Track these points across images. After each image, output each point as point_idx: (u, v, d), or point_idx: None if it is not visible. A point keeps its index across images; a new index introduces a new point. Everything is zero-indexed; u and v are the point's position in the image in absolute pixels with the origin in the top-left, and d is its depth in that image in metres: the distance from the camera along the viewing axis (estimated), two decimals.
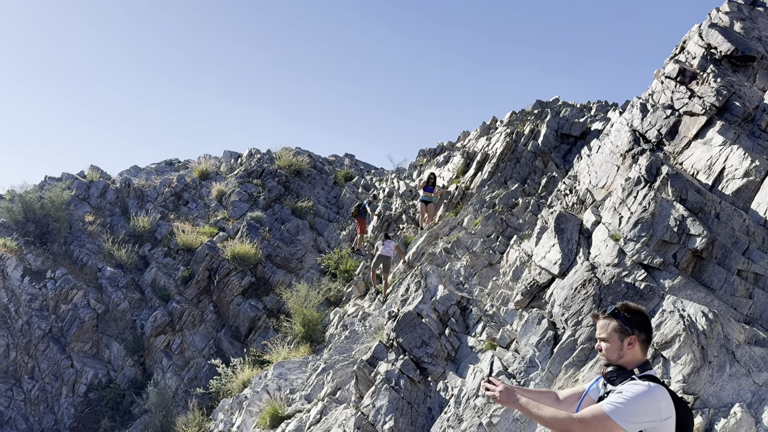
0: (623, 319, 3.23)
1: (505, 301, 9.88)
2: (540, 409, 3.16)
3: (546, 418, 3.10)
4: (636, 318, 3.25)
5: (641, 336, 3.24)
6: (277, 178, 24.53)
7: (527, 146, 18.28)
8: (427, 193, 17.11)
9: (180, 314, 18.09)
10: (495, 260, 12.45)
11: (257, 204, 22.97)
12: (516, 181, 17.16)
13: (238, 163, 28.62)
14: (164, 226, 21.81)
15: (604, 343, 3.28)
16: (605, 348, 3.28)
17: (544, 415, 3.11)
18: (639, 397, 3.03)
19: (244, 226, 20.60)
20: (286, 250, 20.08)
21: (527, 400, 3.23)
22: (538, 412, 3.15)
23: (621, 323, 3.23)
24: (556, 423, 3.08)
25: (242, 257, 18.77)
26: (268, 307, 17.92)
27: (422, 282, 11.38)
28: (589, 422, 3.03)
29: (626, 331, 3.22)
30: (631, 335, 3.22)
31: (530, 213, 14.51)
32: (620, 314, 3.25)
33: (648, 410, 3.01)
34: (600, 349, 3.31)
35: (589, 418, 3.05)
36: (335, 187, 25.95)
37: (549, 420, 3.09)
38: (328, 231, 21.69)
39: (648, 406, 3.02)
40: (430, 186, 17.29)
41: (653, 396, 3.04)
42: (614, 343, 3.24)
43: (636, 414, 3.00)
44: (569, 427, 3.04)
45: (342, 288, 17.03)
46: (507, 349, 8.30)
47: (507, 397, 3.25)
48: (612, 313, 3.27)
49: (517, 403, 3.22)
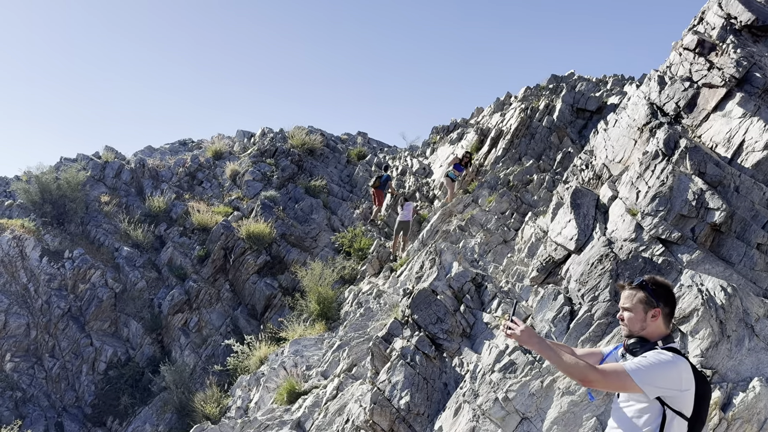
0: (650, 291, 3.25)
1: (520, 278, 9.82)
2: (559, 353, 3.17)
3: (565, 362, 3.12)
4: (662, 291, 3.27)
5: (665, 309, 3.26)
6: (290, 157, 24.52)
7: (542, 122, 18.16)
8: (456, 171, 16.77)
9: (197, 293, 18.26)
10: (510, 237, 12.43)
11: (271, 183, 23.04)
12: (531, 158, 17.09)
13: (251, 143, 28.61)
14: (179, 206, 21.91)
15: (627, 313, 3.30)
16: (628, 318, 3.29)
17: (563, 359, 3.13)
18: (663, 365, 3.06)
19: (258, 205, 20.66)
20: (301, 229, 20.14)
21: (547, 343, 3.26)
22: (557, 355, 3.16)
23: (648, 295, 3.25)
24: (574, 369, 3.09)
25: (257, 236, 18.85)
26: (283, 286, 18.01)
27: (437, 259, 11.39)
28: (608, 375, 3.06)
29: (651, 303, 3.25)
30: (656, 307, 3.25)
31: (545, 189, 14.43)
32: (648, 286, 3.27)
33: (669, 378, 3.04)
34: (622, 318, 3.32)
35: (609, 371, 3.08)
36: (348, 165, 25.96)
37: (568, 365, 3.10)
38: (341, 209, 21.70)
39: (670, 375, 3.04)
40: (462, 165, 16.91)
41: (676, 366, 3.07)
42: (638, 314, 3.26)
43: (656, 379, 3.03)
44: (588, 376, 3.06)
45: (356, 266, 17.09)
46: None
47: (528, 337, 3.26)
48: (639, 284, 3.28)
49: (538, 344, 3.22)
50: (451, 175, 16.69)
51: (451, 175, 16.69)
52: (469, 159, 17.06)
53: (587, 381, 3.07)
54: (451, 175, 16.70)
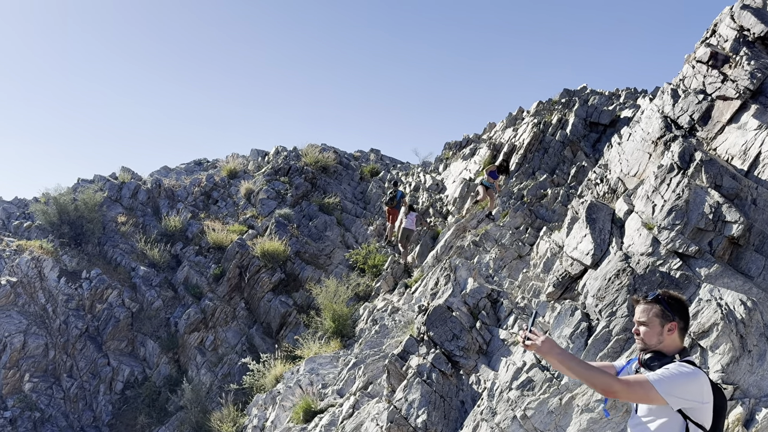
0: (666, 305, 3.26)
1: (536, 293, 9.83)
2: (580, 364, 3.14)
3: (586, 373, 3.09)
4: (677, 304, 3.28)
5: (681, 323, 3.27)
6: (304, 175, 24.64)
7: (555, 136, 18.25)
8: (490, 178, 16.26)
9: (212, 311, 18.32)
10: (524, 252, 12.43)
11: (285, 201, 23.13)
12: (544, 172, 17.20)
13: (265, 161, 28.77)
14: (195, 225, 22.08)
15: (643, 327, 3.29)
16: (644, 332, 3.28)
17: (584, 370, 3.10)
18: (685, 376, 3.05)
19: (272, 223, 20.77)
20: (315, 247, 20.22)
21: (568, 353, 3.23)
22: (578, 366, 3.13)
23: (663, 308, 3.25)
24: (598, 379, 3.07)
25: (272, 254, 18.93)
26: (298, 303, 18.06)
27: (451, 275, 11.42)
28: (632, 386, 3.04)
29: (667, 317, 3.25)
30: (671, 321, 3.25)
31: (560, 203, 14.51)
32: (663, 300, 3.27)
33: (691, 390, 3.03)
34: (638, 333, 3.31)
35: (632, 382, 3.06)
36: (361, 182, 26.02)
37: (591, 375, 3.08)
38: (355, 226, 21.76)
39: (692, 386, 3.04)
40: (498, 173, 16.53)
41: (698, 378, 3.07)
42: (654, 328, 3.26)
43: (680, 390, 3.02)
44: (612, 386, 3.04)
45: (371, 283, 17.08)
46: None
47: (548, 348, 3.23)
48: (655, 298, 3.29)
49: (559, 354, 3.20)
50: (485, 182, 16.26)
51: (485, 183, 16.25)
52: (506, 167, 16.76)
53: (611, 392, 3.04)
54: (485, 182, 16.26)
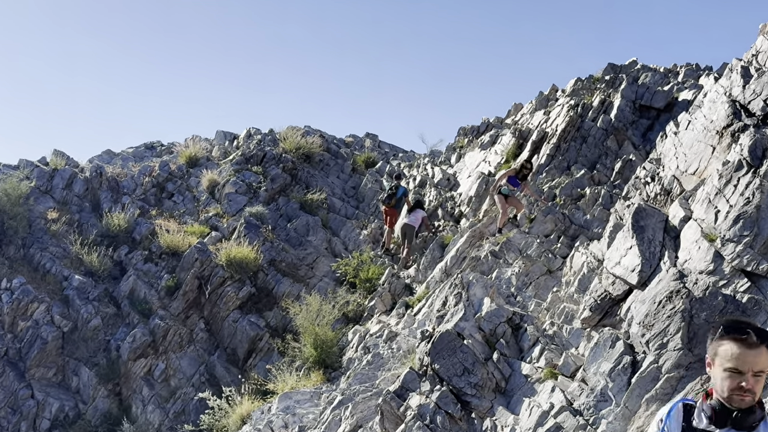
0: None
1: (568, 318, 9.96)
2: None
3: None
4: None
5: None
6: (282, 165, 24.53)
7: (596, 122, 18.36)
8: (510, 186, 15.75)
9: (164, 333, 18.22)
10: (555, 266, 12.65)
11: (257, 197, 23.03)
12: (582, 166, 17.32)
13: (234, 147, 28.67)
14: (144, 225, 21.95)
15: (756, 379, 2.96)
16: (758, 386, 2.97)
17: None
18: None
19: (241, 224, 20.70)
20: (294, 254, 20.13)
21: None
22: None
23: None
24: None
25: (240, 263, 18.84)
26: (271, 325, 17.98)
27: (463, 294, 11.52)
28: None
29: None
30: None
31: (600, 206, 14.66)
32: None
33: None
34: (750, 388, 2.96)
35: None
36: (354, 175, 25.91)
37: None
38: (345, 230, 21.70)
39: None
40: (518, 178, 15.79)
41: None
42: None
43: None
44: None
45: (363, 301, 17.06)
46: (571, 379, 8.30)
47: None
48: None
49: None
50: (505, 191, 15.71)
51: (505, 192, 15.71)
52: (529, 170, 16.02)
53: None
54: (504, 191, 15.70)
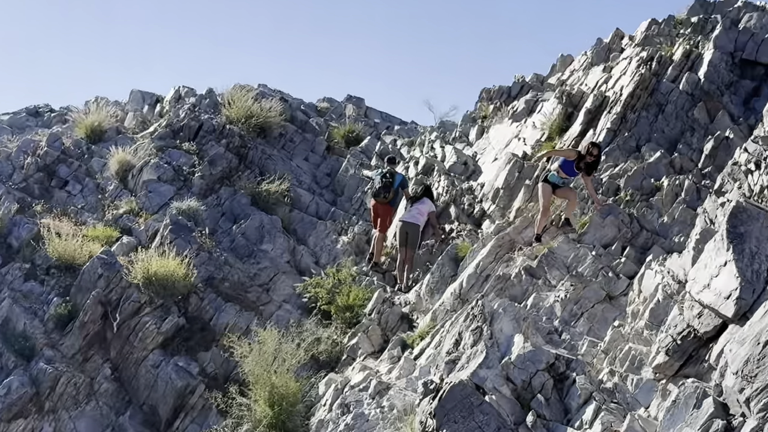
0: None
1: (635, 365, 10.42)
2: None
3: None
4: None
5: None
6: (226, 141, 24.62)
7: (678, 83, 18.59)
8: (563, 173, 15.40)
9: (53, 383, 17.83)
10: (618, 290, 13.14)
11: (189, 187, 23.11)
12: (657, 147, 17.53)
13: (157, 114, 28.93)
14: (25, 226, 21.78)
15: None
16: None
17: None
18: None
19: (166, 225, 20.51)
20: (241, 270, 20.08)
21: None
22: None
23: None
24: None
25: (163, 282, 18.66)
26: (207, 372, 17.86)
27: (485, 329, 11.70)
28: None
29: None
30: None
31: (683, 205, 15.06)
32: None
33: None
34: None
35: None
36: (329, 156, 26.11)
37: None
38: (315, 235, 21.75)
39: None
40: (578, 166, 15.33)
41: None
42: None
43: None
44: None
45: (341, 338, 17.06)
46: None
47: None
48: None
49: None
50: (554, 179, 15.44)
51: (554, 180, 15.43)
52: (595, 160, 15.55)
53: None
54: (553, 179, 15.45)
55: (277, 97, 27.76)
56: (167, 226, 20.47)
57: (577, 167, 15.45)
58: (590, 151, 15.49)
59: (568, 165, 15.52)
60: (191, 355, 18.38)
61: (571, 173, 15.61)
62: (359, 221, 21.79)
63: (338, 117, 30.62)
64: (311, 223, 22.15)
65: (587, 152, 15.48)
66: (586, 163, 15.40)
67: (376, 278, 18.96)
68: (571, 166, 15.46)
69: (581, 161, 15.39)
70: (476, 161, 21.94)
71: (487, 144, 22.59)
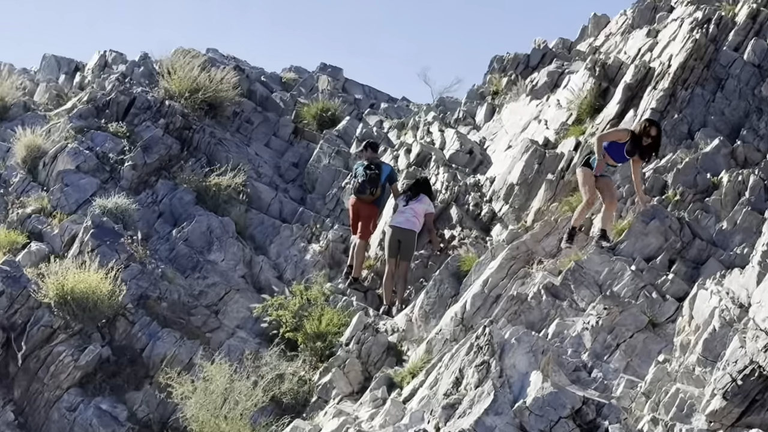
0: None
1: (685, 411, 10.12)
2: None
3: None
4: None
5: None
6: (165, 120, 24.57)
7: (742, 51, 18.61)
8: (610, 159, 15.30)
9: None
10: (663, 315, 12.83)
11: (117, 178, 23.08)
12: (716, 132, 17.42)
13: (76, 86, 28.89)
14: None
15: None
16: None
17: None
18: None
19: (87, 228, 20.45)
20: (183, 287, 20.13)
21: None
22: None
23: None
24: None
25: (82, 302, 18.56)
26: (138, 417, 17.86)
27: (494, 364, 11.55)
28: None
29: None
30: None
31: (747, 206, 14.77)
32: None
33: None
34: None
35: None
36: (297, 141, 26.17)
37: None
38: (278, 242, 21.79)
39: None
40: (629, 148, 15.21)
41: None
42: None
43: None
44: None
45: (310, 374, 17.18)
46: None
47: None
48: None
49: None
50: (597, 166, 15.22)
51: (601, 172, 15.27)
52: (653, 143, 15.25)
53: None
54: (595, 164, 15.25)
55: (230, 65, 27.60)
56: (88, 230, 20.21)
57: (629, 152, 15.27)
58: (647, 131, 15.21)
59: (617, 149, 15.32)
60: (118, 395, 18.15)
61: (620, 158, 15.47)
62: (334, 225, 21.73)
63: (309, 91, 30.57)
64: (273, 227, 22.16)
65: (642, 131, 15.22)
66: (642, 146, 15.21)
67: (355, 298, 18.87)
68: (621, 150, 15.26)
69: (635, 144, 15.18)
70: (484, 149, 22.06)
71: (499, 127, 22.63)
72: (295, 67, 33.21)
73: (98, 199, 21.91)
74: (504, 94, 24.15)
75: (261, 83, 28.73)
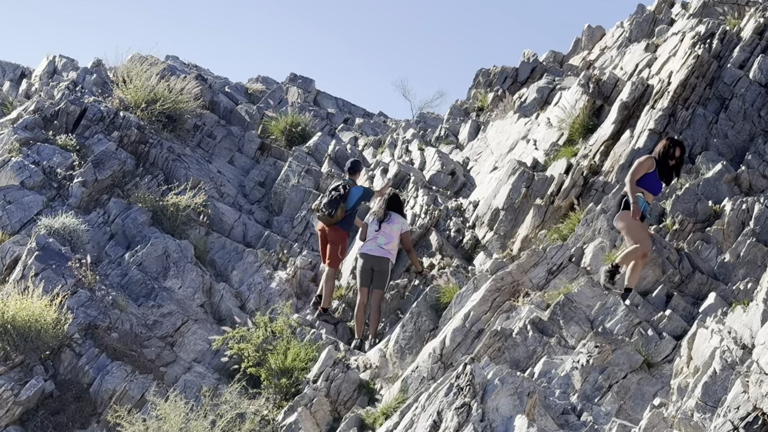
0: None
1: None
2: None
3: None
4: None
5: None
6: (119, 133, 24.70)
7: (748, 69, 18.64)
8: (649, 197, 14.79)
9: None
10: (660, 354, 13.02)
11: (66, 196, 23.13)
12: (718, 156, 17.63)
13: (22, 94, 29.34)
14: None
15: None
16: None
17: None
18: None
19: (30, 251, 20.48)
20: (136, 316, 19.98)
21: None
22: None
23: None
24: None
25: (24, 331, 18.48)
26: None
27: (474, 406, 11.60)
28: None
29: None
30: None
31: (751, 237, 14.92)
32: None
33: None
34: None
35: None
36: (263, 157, 26.56)
37: None
38: (241, 268, 21.80)
39: None
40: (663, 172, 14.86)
41: None
42: None
43: None
44: None
45: (273, 413, 17.03)
46: None
47: None
48: None
49: None
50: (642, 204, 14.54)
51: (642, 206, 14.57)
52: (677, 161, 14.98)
53: None
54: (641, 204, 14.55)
55: (192, 74, 28.02)
56: (32, 252, 20.26)
57: (661, 176, 14.91)
58: (670, 152, 14.89)
59: (651, 180, 14.81)
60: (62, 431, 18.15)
61: (658, 188, 15.07)
62: (303, 250, 21.95)
63: (277, 104, 30.92)
64: (236, 252, 22.26)
65: (666, 153, 14.85)
66: (668, 168, 14.93)
67: (324, 331, 18.91)
68: (655, 179, 14.83)
69: (662, 168, 14.84)
70: (468, 170, 22.15)
71: (484, 147, 22.80)
72: (262, 77, 34.02)
73: (44, 218, 22.10)
74: (490, 110, 24.69)
75: (225, 94, 29.51)
